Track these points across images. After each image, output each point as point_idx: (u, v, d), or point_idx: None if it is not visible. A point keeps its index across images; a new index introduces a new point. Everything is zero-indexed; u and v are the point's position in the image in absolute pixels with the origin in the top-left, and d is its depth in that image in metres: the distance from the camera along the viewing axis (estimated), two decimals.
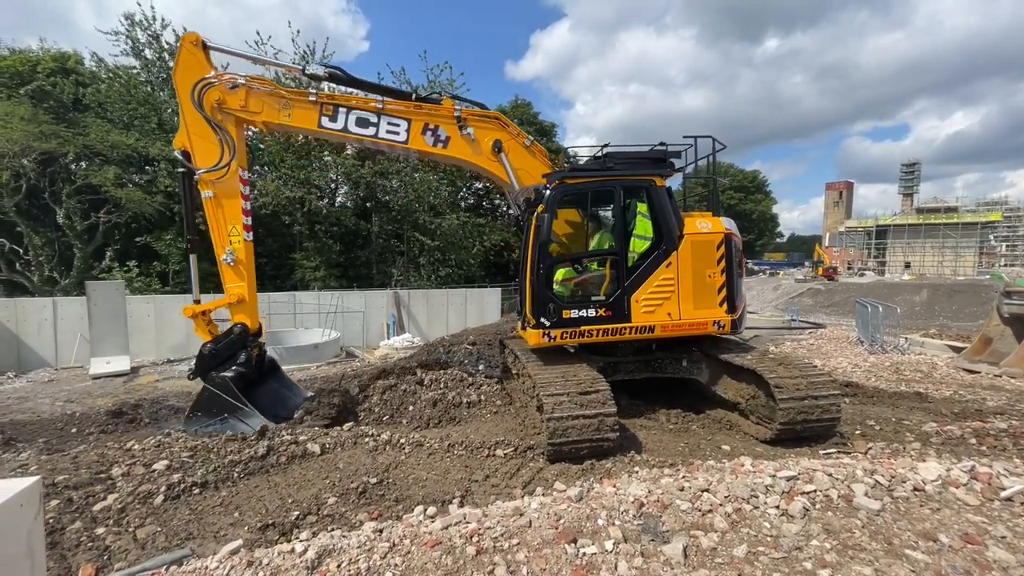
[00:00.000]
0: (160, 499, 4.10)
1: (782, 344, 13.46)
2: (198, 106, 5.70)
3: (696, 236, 5.92)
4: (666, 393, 6.98)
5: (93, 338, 11.62)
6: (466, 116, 6.15)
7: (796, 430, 5.10)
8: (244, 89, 5.79)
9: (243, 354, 6.03)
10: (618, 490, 3.56)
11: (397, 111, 6.04)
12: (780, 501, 3.20)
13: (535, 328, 5.76)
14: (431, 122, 6.10)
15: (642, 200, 6.00)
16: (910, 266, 59.44)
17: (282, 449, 5.02)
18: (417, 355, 10.02)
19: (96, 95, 20.63)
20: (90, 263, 19.49)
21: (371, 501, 4.13)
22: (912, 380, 8.81)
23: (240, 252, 5.95)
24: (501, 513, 3.36)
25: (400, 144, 6.12)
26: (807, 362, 6.03)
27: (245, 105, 5.82)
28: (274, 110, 5.89)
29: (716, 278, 5.93)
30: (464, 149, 6.13)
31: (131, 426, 6.59)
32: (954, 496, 3.20)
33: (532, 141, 6.37)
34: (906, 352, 11.36)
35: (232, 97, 5.79)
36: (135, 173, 20.53)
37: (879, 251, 64.74)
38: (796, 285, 39.86)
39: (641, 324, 5.84)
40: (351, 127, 5.98)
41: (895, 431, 5.74)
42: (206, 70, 5.78)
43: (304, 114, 5.94)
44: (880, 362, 10.29)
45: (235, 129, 5.88)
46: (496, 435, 5.53)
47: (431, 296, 17.89)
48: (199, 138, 5.79)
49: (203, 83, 5.72)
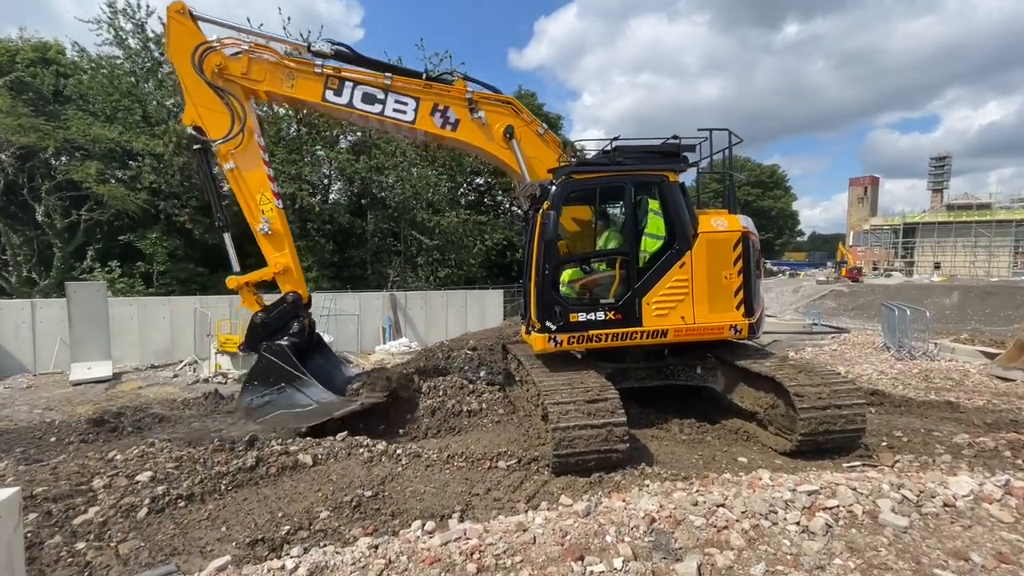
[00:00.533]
0: (144, 512, 4.12)
1: (803, 350, 13.41)
2: (199, 71, 5.68)
3: (711, 235, 5.91)
4: (679, 402, 6.96)
5: (73, 342, 11.70)
6: (478, 99, 6.19)
7: (818, 441, 5.08)
8: (246, 56, 5.80)
9: (295, 324, 6.07)
10: (628, 505, 3.55)
11: (406, 89, 6.05)
12: (800, 517, 3.19)
13: (540, 332, 5.74)
14: (441, 103, 6.10)
15: (654, 196, 5.99)
16: (940, 267, 59.11)
17: (272, 460, 5.04)
18: (414, 361, 10.04)
19: (78, 86, 20.82)
20: (70, 263, 19.63)
21: (366, 515, 4.14)
22: (942, 388, 8.76)
23: (275, 220, 6.01)
24: (503, 529, 3.36)
25: (407, 124, 6.12)
26: (829, 369, 6.01)
27: (247, 72, 5.83)
28: (277, 80, 5.91)
29: (733, 279, 5.91)
30: (474, 133, 6.16)
31: (113, 435, 6.63)
32: (987, 512, 3.18)
33: (546, 129, 6.38)
34: (936, 358, 11.29)
35: (234, 64, 5.80)
36: (118, 168, 20.68)
37: (907, 251, 64.43)
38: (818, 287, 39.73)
39: (653, 328, 5.83)
40: (356, 103, 5.98)
41: (924, 443, 5.71)
42: (199, 37, 5.79)
43: (308, 86, 5.94)
44: (908, 369, 10.23)
45: (243, 95, 5.91)
46: (498, 446, 5.53)
47: (429, 298, 17.92)
48: (207, 109, 5.82)
49: (203, 47, 5.73)
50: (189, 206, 20.75)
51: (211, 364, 11.77)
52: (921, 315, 12.63)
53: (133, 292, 18.46)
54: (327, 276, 21.47)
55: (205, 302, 14.63)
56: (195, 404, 8.58)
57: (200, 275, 20.94)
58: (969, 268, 57.26)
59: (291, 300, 6.12)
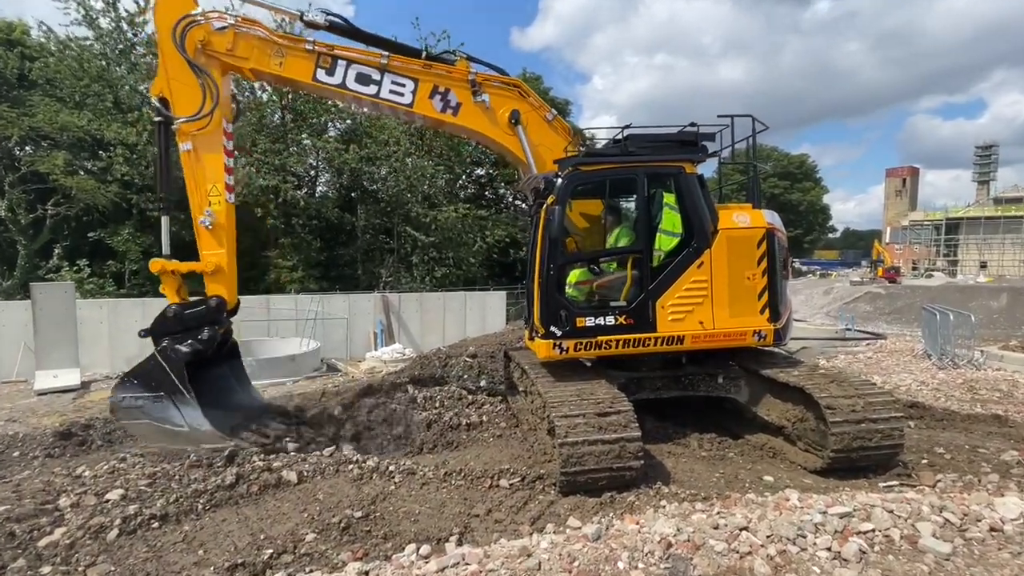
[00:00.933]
0: (114, 534, 4.14)
1: (835, 358, 13.35)
2: (179, 47, 5.70)
3: (733, 231, 5.89)
4: (699, 415, 6.94)
5: (38, 348, 11.76)
6: (481, 81, 6.14)
7: (851, 458, 5.06)
8: (232, 31, 5.83)
9: (207, 331, 5.89)
10: (642, 527, 3.55)
11: (404, 69, 6.09)
12: (832, 542, 3.18)
13: (545, 338, 5.71)
14: (441, 84, 6.13)
15: (669, 190, 5.97)
16: (986, 266, 58.77)
17: (253, 477, 5.05)
18: (409, 369, 10.05)
19: (44, 70, 20.98)
20: (35, 262, 19.80)
21: (355, 538, 4.15)
22: (989, 400, 8.71)
23: (220, 215, 5.92)
24: (505, 553, 3.36)
25: (404, 107, 6.17)
26: (864, 379, 5.98)
27: (232, 49, 5.85)
28: (265, 56, 5.94)
29: (756, 280, 5.88)
30: (477, 118, 6.17)
31: (81, 449, 6.64)
32: None
33: (555, 115, 6.39)
34: (982, 367, 11.24)
35: (219, 38, 5.81)
36: (87, 159, 20.83)
37: (949, 248, 64.11)
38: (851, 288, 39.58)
39: (668, 334, 5.81)
40: (350, 83, 6.03)
41: (969, 460, 5.67)
42: (190, 6, 5.82)
43: (298, 64, 5.99)
44: (951, 379, 10.18)
45: (220, 75, 5.93)
46: (500, 462, 5.53)
47: (425, 300, 17.95)
48: (179, 83, 5.81)
49: (187, 20, 5.74)
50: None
51: None
52: (966, 319, 12.56)
53: (103, 293, 18.58)
54: (313, 276, 21.56)
55: None
56: None
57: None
58: (1019, 268, 56.87)
59: (214, 305, 5.98)
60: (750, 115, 6.23)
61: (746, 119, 6.34)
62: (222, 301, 6.01)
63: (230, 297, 6.13)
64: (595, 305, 5.97)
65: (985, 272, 56.21)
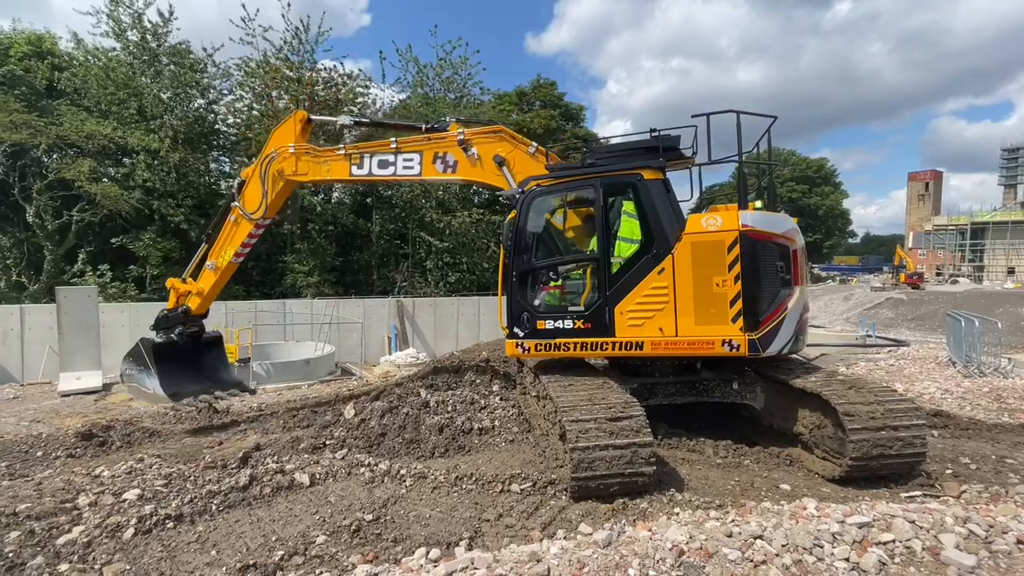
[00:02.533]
0: (130, 533, 4.21)
1: (855, 365, 13.09)
2: (262, 172, 7.87)
3: (698, 236, 5.70)
4: (713, 421, 6.85)
5: (63, 351, 12.06)
6: (469, 137, 7.02)
7: (871, 467, 4.94)
8: (294, 157, 7.82)
9: (179, 328, 8.62)
10: (654, 534, 3.50)
11: (410, 147, 7.42)
12: (850, 552, 3.10)
13: (510, 338, 6.31)
14: (440, 150, 7.24)
15: (628, 197, 6.05)
16: (1014, 272, 57.17)
17: (266, 479, 5.10)
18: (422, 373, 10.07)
19: (72, 80, 21.62)
20: (61, 266, 20.31)
21: (366, 541, 4.16)
22: (1017, 410, 8.46)
23: (221, 266, 8.41)
24: (515, 559, 3.34)
25: (415, 177, 7.59)
26: (884, 386, 5.84)
27: (296, 170, 7.85)
28: (317, 168, 7.81)
29: (728, 287, 5.62)
30: (470, 170, 7.15)
31: (101, 450, 6.79)
32: None
33: (536, 147, 6.96)
34: (1009, 376, 10.93)
35: (288, 163, 7.80)
36: (111, 166, 21.36)
37: (975, 254, 62.54)
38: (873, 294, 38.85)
39: (626, 339, 5.84)
40: (374, 170, 7.59)
41: (995, 471, 5.51)
42: (291, 139, 7.80)
43: (338, 166, 7.72)
44: (977, 387, 9.91)
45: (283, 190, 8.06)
46: (512, 467, 5.52)
47: (439, 305, 18.03)
48: (254, 187, 8.01)
49: (270, 156, 7.82)
50: (184, 205, 21.31)
51: None
52: (992, 326, 12.24)
53: (125, 297, 18.99)
54: (329, 281, 21.77)
55: None
56: (188, 418, 8.74)
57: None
58: None
59: (180, 312, 8.58)
60: (732, 110, 5.79)
61: (763, 118, 6.23)
62: (187, 309, 8.59)
63: (197, 309, 8.66)
64: (555, 310, 6.30)
65: (1013, 278, 54.70)
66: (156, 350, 8.46)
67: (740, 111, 5.78)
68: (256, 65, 21.65)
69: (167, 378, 8.40)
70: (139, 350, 8.62)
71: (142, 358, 8.57)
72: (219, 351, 9.70)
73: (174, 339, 8.55)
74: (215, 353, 9.62)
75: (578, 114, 35.51)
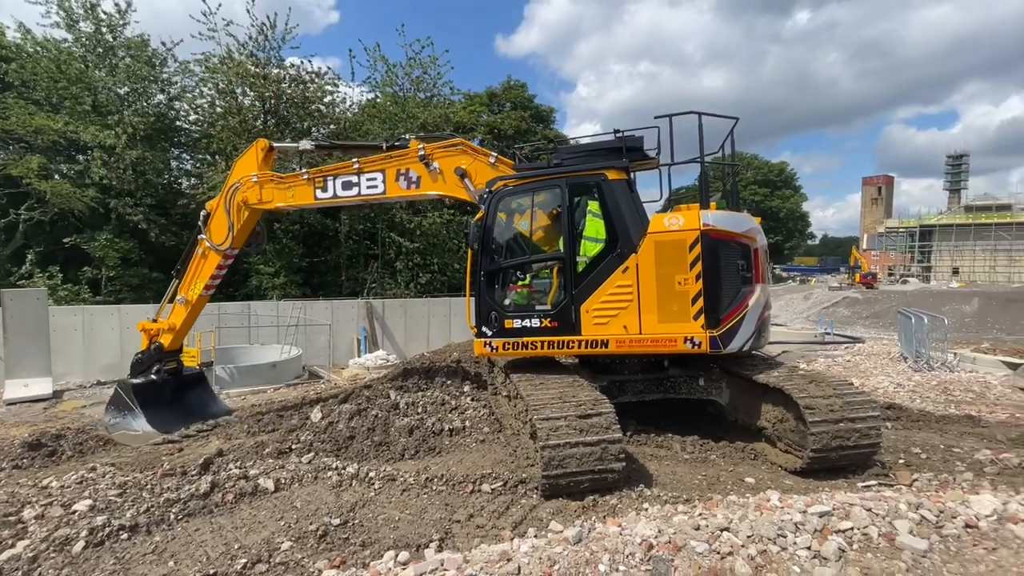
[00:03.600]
0: (80, 546, 3.99)
1: (814, 361, 13.54)
2: (227, 204, 7.90)
3: (661, 235, 5.77)
4: (681, 417, 6.96)
5: (8, 357, 11.41)
6: (429, 152, 7.00)
7: (830, 458, 5.10)
8: (258, 185, 7.81)
9: (156, 366, 8.43)
10: (623, 530, 3.52)
11: (371, 166, 7.36)
12: (812, 541, 3.18)
13: (478, 337, 6.38)
14: (401, 167, 7.22)
15: (593, 197, 6.11)
16: (958, 272, 60.33)
17: (229, 486, 4.93)
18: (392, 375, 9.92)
19: (20, 72, 20.48)
20: (7, 268, 19.21)
21: (333, 546, 4.06)
22: (963, 401, 8.88)
23: (191, 300, 8.32)
24: (486, 558, 3.31)
25: (380, 196, 7.48)
26: (843, 380, 6.04)
27: (260, 198, 7.83)
28: (281, 194, 7.78)
29: (689, 285, 5.70)
30: (432, 184, 7.19)
31: (50, 460, 6.46)
32: (1012, 533, 3.19)
33: (496, 157, 6.99)
34: (955, 370, 11.46)
35: (252, 192, 7.79)
36: (63, 163, 20.35)
37: (923, 255, 65.71)
38: (830, 293, 40.33)
39: (592, 337, 5.91)
40: (339, 192, 7.54)
41: (944, 460, 5.75)
42: (253, 168, 7.84)
43: (302, 191, 7.68)
44: (926, 381, 10.37)
45: (248, 219, 8.00)
46: (482, 467, 5.48)
47: (409, 306, 17.82)
48: (220, 218, 8.02)
49: (233, 187, 7.86)
50: (143, 204, 20.46)
51: None
52: (940, 323, 12.83)
53: (78, 300, 18.10)
54: (296, 283, 21.23)
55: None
56: None
57: (155, 281, 20.61)
58: (989, 273, 58.50)
59: (154, 350, 8.39)
60: (694, 111, 5.88)
61: (731, 120, 6.34)
62: (160, 346, 8.40)
63: (170, 345, 8.49)
64: (522, 309, 6.31)
65: (957, 277, 57.72)
66: (136, 390, 8.11)
67: (702, 112, 5.87)
68: (219, 61, 20.98)
69: (154, 416, 8.01)
70: (119, 395, 8.18)
71: (123, 402, 8.13)
72: (203, 386, 9.33)
73: (153, 379, 8.30)
74: (199, 388, 9.23)
75: (548, 116, 35.72)
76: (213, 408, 8.96)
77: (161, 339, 8.39)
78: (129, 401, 8.05)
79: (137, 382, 8.21)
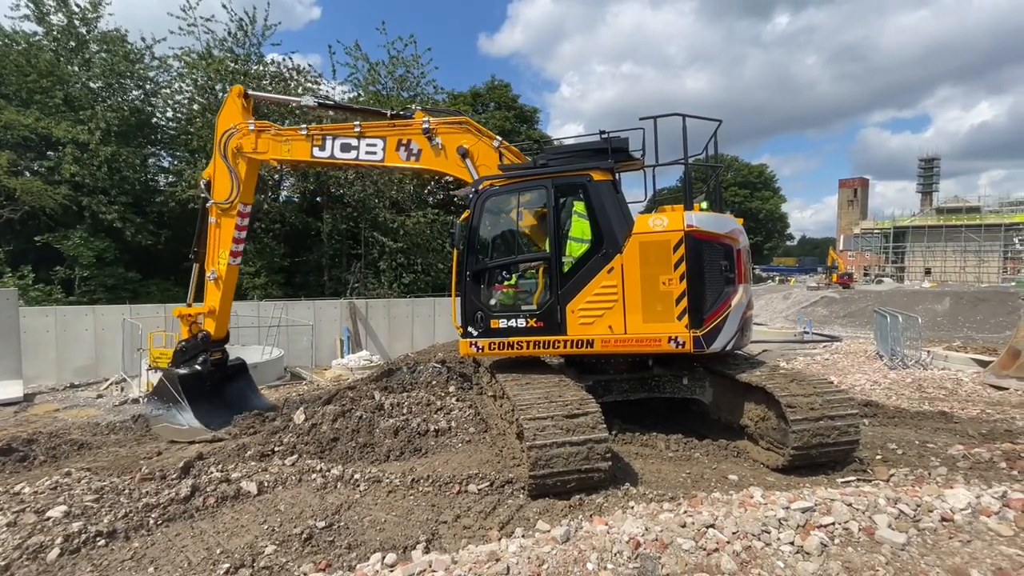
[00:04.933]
0: (55, 553, 3.88)
1: (794, 360, 13.79)
2: (223, 153, 7.66)
3: (645, 236, 5.83)
4: (665, 416, 7.02)
5: None
6: (434, 126, 6.94)
7: (811, 455, 5.19)
8: (254, 134, 7.66)
9: (201, 357, 8.04)
10: (610, 528, 3.54)
11: (374, 132, 7.30)
12: (795, 536, 3.23)
13: (464, 337, 6.34)
14: (404, 137, 7.16)
15: (578, 198, 6.14)
16: (930, 272, 62.00)
17: (210, 489, 4.84)
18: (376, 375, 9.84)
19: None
20: None
21: (318, 549, 4.01)
22: (936, 398, 9.12)
23: (221, 273, 7.98)
24: (474, 559, 3.30)
25: (378, 163, 7.39)
26: (822, 379, 6.16)
27: (256, 148, 7.68)
28: (278, 147, 7.65)
29: (673, 285, 5.76)
30: (433, 159, 7.10)
31: (22, 465, 6.26)
32: (985, 526, 3.29)
33: (501, 141, 6.93)
34: (929, 367, 11.78)
35: (247, 141, 7.63)
36: (34, 159, 19.76)
37: (897, 255, 67.39)
38: (809, 293, 41.10)
39: (578, 337, 5.94)
40: (337, 153, 7.43)
41: (919, 455, 5.90)
42: (239, 118, 7.68)
43: (299, 147, 7.57)
44: (901, 378, 10.64)
45: (248, 170, 7.81)
46: (469, 468, 5.46)
47: (393, 306, 17.70)
48: (221, 174, 7.77)
49: (228, 132, 7.64)
50: (118, 202, 19.98)
51: (142, 382, 11.27)
52: (913, 322, 13.17)
53: (50, 300, 17.60)
54: (278, 283, 20.96)
55: (136, 312, 14.05)
56: (122, 428, 8.21)
57: (131, 281, 20.14)
58: (959, 274, 60.23)
59: (200, 338, 8.03)
60: (678, 113, 5.94)
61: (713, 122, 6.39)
62: (207, 335, 8.07)
63: (216, 332, 8.14)
64: (508, 309, 6.31)
65: (929, 278, 59.31)
66: (183, 382, 7.71)
67: (685, 114, 5.92)
68: (198, 56, 20.57)
69: (201, 410, 7.63)
70: (164, 385, 7.84)
71: (168, 393, 7.76)
72: (246, 378, 8.91)
73: (199, 369, 7.93)
74: (242, 380, 8.82)
75: (532, 116, 35.80)
76: (255, 402, 8.56)
77: (206, 327, 8.03)
78: (175, 393, 7.65)
79: (184, 372, 7.82)
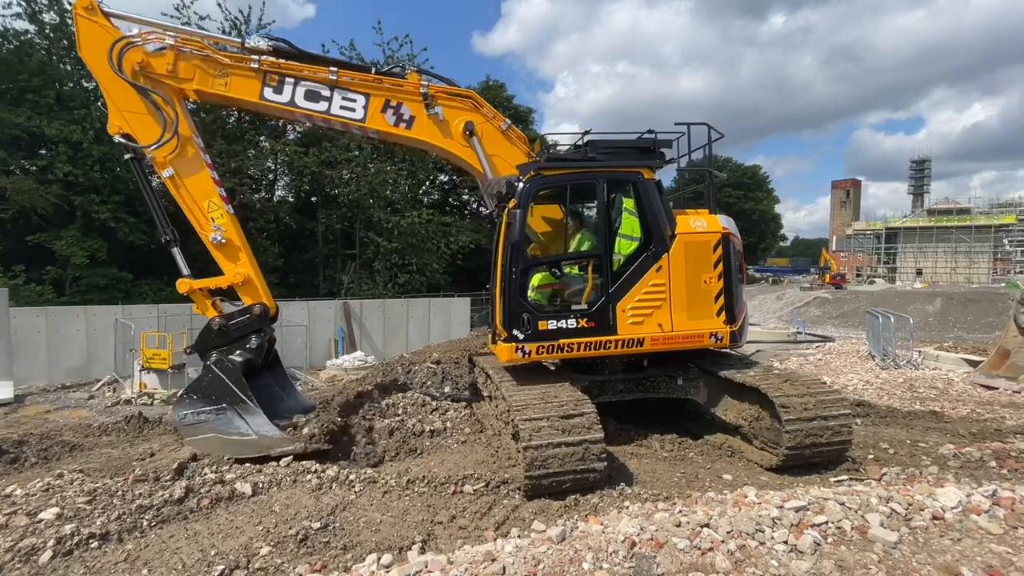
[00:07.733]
0: (47, 556, 3.84)
1: (788, 360, 13.87)
2: (118, 70, 5.52)
3: (690, 236, 6.01)
4: (660, 416, 7.05)
5: None
6: (434, 93, 6.14)
7: (804, 455, 5.23)
8: (171, 51, 5.68)
9: (255, 339, 5.96)
10: (606, 528, 3.55)
11: (354, 85, 6.01)
12: (789, 535, 3.25)
13: (507, 342, 5.69)
14: (393, 99, 6.09)
15: (628, 195, 6.09)
16: (922, 273, 62.49)
17: (204, 490, 4.81)
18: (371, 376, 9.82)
19: None
20: None
21: (313, 550, 3.99)
22: (927, 398, 9.20)
23: (228, 228, 5.93)
24: (469, 559, 3.30)
25: (356, 122, 6.09)
26: (815, 379, 6.21)
27: (173, 70, 5.69)
28: (208, 77, 5.78)
29: (713, 284, 6.03)
30: (431, 131, 6.15)
31: (13, 467, 6.19)
32: (976, 524, 3.32)
33: (509, 125, 6.46)
34: (920, 367, 11.89)
35: (158, 60, 5.66)
36: (24, 158, 19.58)
37: (889, 256, 67.84)
38: (802, 294, 41.33)
39: (628, 337, 5.88)
40: (299, 101, 5.91)
41: (910, 454, 5.96)
42: (115, 34, 5.64)
43: (244, 83, 5.85)
44: (893, 378, 10.72)
45: (173, 95, 5.78)
46: (464, 468, 5.46)
47: (388, 307, 17.67)
48: (133, 114, 5.67)
49: (121, 43, 5.57)
50: (111, 201, 19.83)
51: (134, 383, 11.22)
52: (905, 322, 13.29)
53: (41, 300, 17.44)
54: (272, 283, 20.83)
55: (128, 312, 13.96)
56: (114, 430, 8.11)
57: (123, 281, 19.99)
58: (950, 274, 60.74)
59: (258, 313, 6.02)
60: (705, 123, 6.44)
61: (704, 127, 6.54)
62: (266, 308, 6.06)
63: (270, 303, 6.17)
64: (557, 308, 6.04)
65: (921, 278, 59.78)
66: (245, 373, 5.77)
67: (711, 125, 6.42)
68: None
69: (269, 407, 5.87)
70: (216, 379, 5.67)
71: (221, 390, 5.64)
72: (280, 369, 6.91)
73: (251, 356, 5.95)
74: (277, 371, 6.85)
75: (527, 117, 35.80)
76: (292, 400, 6.74)
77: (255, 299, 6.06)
78: (236, 389, 5.63)
79: (241, 360, 5.79)
